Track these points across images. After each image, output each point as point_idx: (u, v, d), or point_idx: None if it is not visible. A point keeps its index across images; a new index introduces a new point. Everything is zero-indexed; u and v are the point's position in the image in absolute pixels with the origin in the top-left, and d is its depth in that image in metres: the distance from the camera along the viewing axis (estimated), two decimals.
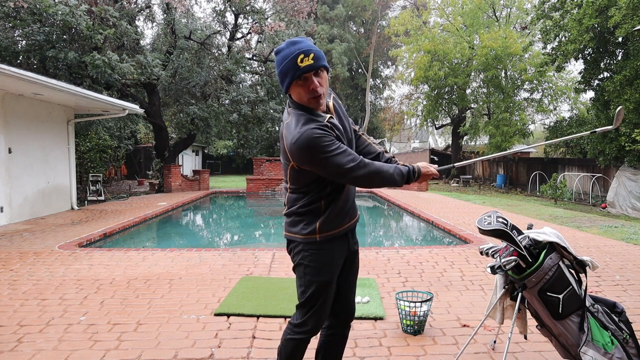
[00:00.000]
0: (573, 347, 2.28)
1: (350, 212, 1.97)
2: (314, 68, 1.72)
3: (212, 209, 13.25)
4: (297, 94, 1.78)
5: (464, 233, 7.07)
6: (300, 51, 1.71)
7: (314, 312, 1.90)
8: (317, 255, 1.87)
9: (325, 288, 1.89)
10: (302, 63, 1.70)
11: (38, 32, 10.87)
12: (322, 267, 1.87)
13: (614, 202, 13.15)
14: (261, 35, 16.53)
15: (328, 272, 1.89)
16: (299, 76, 1.72)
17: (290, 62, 1.71)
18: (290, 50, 1.72)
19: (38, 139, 9.09)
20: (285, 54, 1.74)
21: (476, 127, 20.34)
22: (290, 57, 1.72)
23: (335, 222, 1.89)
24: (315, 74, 1.74)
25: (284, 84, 1.78)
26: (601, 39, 13.24)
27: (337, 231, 1.90)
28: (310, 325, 1.91)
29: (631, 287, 4.28)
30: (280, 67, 1.75)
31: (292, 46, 1.73)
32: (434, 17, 23.76)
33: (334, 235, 1.89)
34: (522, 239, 2.36)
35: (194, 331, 3.19)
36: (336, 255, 1.91)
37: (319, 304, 1.89)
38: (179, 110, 17.38)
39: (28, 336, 3.10)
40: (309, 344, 2.01)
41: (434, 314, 3.51)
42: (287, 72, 1.73)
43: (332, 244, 1.89)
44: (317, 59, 1.73)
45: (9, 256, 5.44)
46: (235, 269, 4.86)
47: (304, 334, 1.92)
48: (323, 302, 1.89)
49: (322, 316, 1.92)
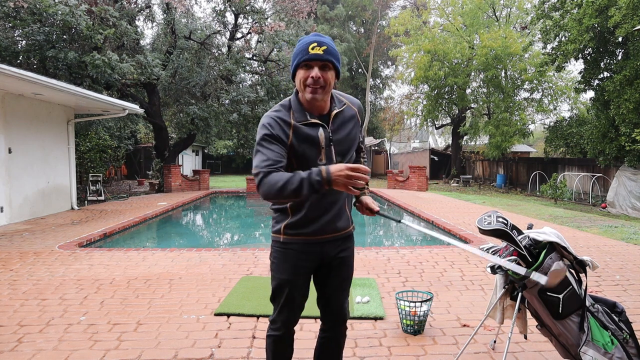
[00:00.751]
0: (573, 346, 2.28)
1: (328, 226, 1.90)
2: (321, 59, 1.72)
3: (212, 209, 13.24)
4: (298, 80, 1.79)
5: (464, 233, 7.07)
6: (314, 40, 1.74)
7: (280, 309, 1.93)
8: (280, 253, 1.91)
9: (285, 286, 1.90)
10: (312, 50, 1.72)
11: (38, 32, 10.87)
12: (284, 265, 1.90)
13: (614, 202, 13.15)
14: (261, 35, 16.52)
15: (289, 271, 1.90)
16: (305, 61, 1.73)
17: (302, 47, 1.75)
18: (308, 39, 1.76)
19: (38, 139, 9.09)
20: (302, 41, 1.78)
21: (476, 127, 20.34)
22: (304, 43, 1.75)
23: (303, 229, 1.88)
24: (321, 67, 1.74)
25: (292, 67, 1.81)
26: (601, 39, 13.24)
27: (302, 238, 1.89)
28: (279, 322, 1.95)
29: (631, 287, 4.28)
30: (294, 52, 1.79)
31: (312, 36, 1.77)
32: (434, 17, 23.76)
33: (299, 241, 1.90)
34: (522, 239, 2.36)
35: (194, 331, 3.19)
36: (301, 258, 1.90)
37: (282, 301, 1.91)
38: (179, 110, 17.38)
39: (28, 336, 3.10)
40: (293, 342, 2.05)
41: (434, 313, 3.51)
42: (297, 55, 1.76)
43: (298, 247, 1.90)
44: (328, 53, 1.74)
45: (9, 256, 5.44)
46: (235, 268, 4.86)
47: (276, 331, 1.96)
48: (287, 299, 1.91)
49: (289, 314, 1.94)
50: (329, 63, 1.75)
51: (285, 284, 1.91)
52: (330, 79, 1.77)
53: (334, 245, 1.95)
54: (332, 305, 2.00)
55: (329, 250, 1.94)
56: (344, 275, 2.01)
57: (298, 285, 1.92)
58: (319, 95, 1.76)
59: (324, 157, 1.83)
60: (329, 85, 1.77)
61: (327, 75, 1.75)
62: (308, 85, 1.75)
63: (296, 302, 1.94)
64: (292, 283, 1.91)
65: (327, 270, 1.99)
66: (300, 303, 1.97)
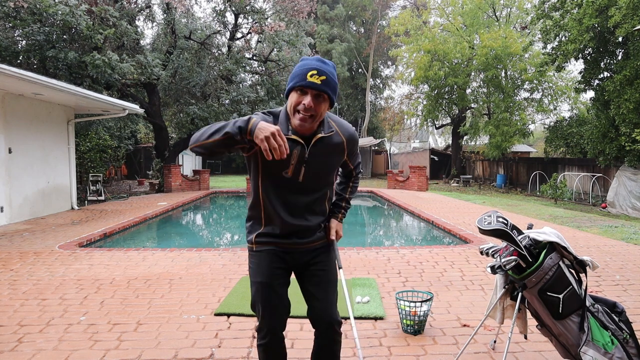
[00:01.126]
0: (573, 346, 2.28)
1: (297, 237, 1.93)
2: (316, 88, 1.72)
3: (212, 208, 13.25)
4: (290, 100, 1.79)
5: (464, 233, 7.07)
6: (315, 67, 1.72)
7: (262, 315, 1.93)
8: (255, 258, 1.96)
9: (261, 289, 1.91)
10: (310, 78, 1.71)
11: (38, 32, 10.87)
12: (259, 269, 1.93)
13: (614, 202, 13.15)
14: (261, 35, 16.52)
15: (264, 274, 1.92)
16: (301, 87, 1.73)
17: (302, 71, 1.74)
18: (310, 63, 1.75)
19: (38, 139, 9.09)
20: (303, 63, 1.77)
21: (476, 127, 20.33)
22: (305, 67, 1.74)
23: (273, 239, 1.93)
24: (315, 96, 1.73)
25: (287, 86, 1.81)
26: (601, 39, 13.24)
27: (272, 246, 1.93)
28: (265, 329, 1.93)
29: (631, 286, 4.28)
30: (293, 72, 1.79)
31: (316, 62, 1.75)
32: (434, 17, 23.74)
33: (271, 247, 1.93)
34: (522, 239, 2.36)
35: (194, 331, 3.19)
36: (275, 261, 1.93)
37: (261, 306, 1.91)
38: (179, 110, 17.39)
39: (28, 336, 3.10)
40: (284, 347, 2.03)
41: (434, 313, 3.51)
42: (294, 78, 1.76)
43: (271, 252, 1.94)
44: (326, 84, 1.73)
45: (9, 256, 5.44)
46: (236, 268, 4.86)
47: (263, 339, 1.95)
48: (265, 303, 1.91)
49: (270, 319, 1.92)
50: (324, 94, 1.74)
51: (262, 287, 1.91)
52: (322, 110, 1.77)
53: (306, 255, 1.97)
54: (316, 311, 1.96)
55: (300, 257, 1.97)
56: (323, 280, 1.98)
57: (275, 288, 1.92)
58: (307, 124, 1.76)
59: (291, 172, 1.83)
60: (319, 115, 1.77)
61: (319, 106, 1.75)
62: (298, 111, 1.75)
63: (275, 306, 1.93)
64: (268, 286, 1.91)
65: (304, 276, 1.99)
66: (281, 307, 1.94)
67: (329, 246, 2.03)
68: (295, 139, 1.80)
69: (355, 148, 2.02)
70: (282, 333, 1.99)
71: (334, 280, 2.02)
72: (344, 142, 1.92)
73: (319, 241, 2.00)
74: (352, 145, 1.98)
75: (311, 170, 1.86)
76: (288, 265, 1.97)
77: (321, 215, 2.00)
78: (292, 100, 1.76)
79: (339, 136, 1.91)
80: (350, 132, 1.96)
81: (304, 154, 1.82)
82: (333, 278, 2.02)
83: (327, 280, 1.99)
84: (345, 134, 1.93)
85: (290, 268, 1.99)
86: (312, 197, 1.93)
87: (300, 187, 1.88)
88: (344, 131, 1.94)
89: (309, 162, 1.84)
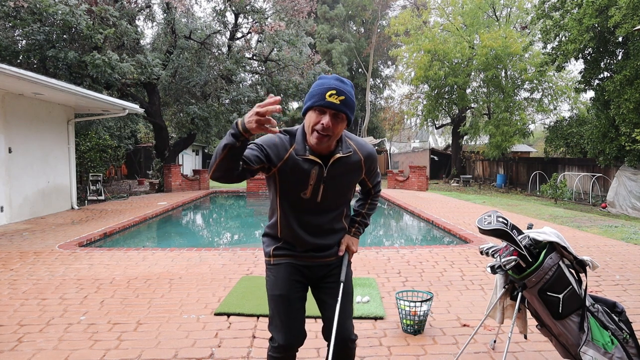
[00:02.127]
0: (573, 346, 2.28)
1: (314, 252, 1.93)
2: (335, 108, 1.71)
3: (212, 208, 13.25)
4: (308, 119, 1.78)
5: (464, 233, 7.07)
6: (334, 87, 1.72)
7: (275, 326, 1.92)
8: (272, 272, 1.95)
9: (280, 302, 1.91)
10: (329, 97, 1.71)
11: (38, 31, 10.87)
12: (276, 281, 1.93)
13: (614, 201, 13.15)
14: (261, 34, 16.52)
15: (281, 286, 1.92)
16: (319, 106, 1.73)
17: (321, 91, 1.73)
18: (328, 83, 1.74)
19: (38, 138, 9.09)
20: (322, 82, 1.76)
21: (476, 127, 20.34)
22: (324, 86, 1.74)
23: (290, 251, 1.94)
24: (334, 116, 1.73)
25: (305, 105, 1.80)
26: (601, 39, 13.24)
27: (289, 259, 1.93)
28: (277, 340, 1.92)
29: (631, 286, 4.29)
30: (311, 90, 1.78)
31: (334, 81, 1.75)
32: (434, 16, 23.74)
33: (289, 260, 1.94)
34: (522, 239, 2.36)
35: (194, 331, 3.19)
36: (293, 273, 1.93)
37: (277, 318, 1.91)
38: (179, 110, 17.38)
39: (28, 336, 3.10)
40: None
41: (434, 313, 3.51)
42: (312, 97, 1.75)
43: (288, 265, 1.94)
44: (344, 104, 1.72)
45: (9, 256, 5.44)
46: (235, 268, 4.86)
47: (274, 352, 1.93)
48: (282, 316, 1.90)
49: (285, 332, 1.90)
50: (342, 114, 1.74)
51: (281, 300, 1.90)
52: (340, 129, 1.77)
53: (324, 268, 1.98)
54: (327, 322, 1.96)
55: (317, 271, 1.97)
56: (336, 293, 1.96)
57: (293, 301, 1.91)
58: (324, 143, 1.76)
59: (309, 193, 1.84)
60: (336, 135, 1.78)
61: (337, 126, 1.75)
62: (316, 131, 1.75)
63: (294, 319, 1.91)
64: (287, 299, 1.91)
65: (321, 289, 1.99)
66: (299, 320, 1.93)
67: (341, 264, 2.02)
68: (313, 159, 1.81)
69: (373, 167, 2.00)
70: (297, 349, 1.96)
71: (350, 293, 2.02)
72: (361, 161, 1.92)
73: (336, 256, 2.00)
74: (370, 163, 1.96)
75: (329, 190, 1.86)
76: (305, 279, 1.97)
77: (339, 232, 2.00)
78: (311, 119, 1.76)
79: (357, 155, 1.91)
80: (368, 151, 1.95)
81: (322, 174, 1.82)
82: (349, 291, 2.01)
83: (344, 295, 1.97)
84: (364, 153, 1.93)
85: (307, 282, 1.99)
86: (329, 216, 1.94)
87: (318, 207, 1.89)
88: (363, 150, 1.93)
89: (327, 182, 1.84)
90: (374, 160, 1.98)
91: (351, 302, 2.01)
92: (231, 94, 16.02)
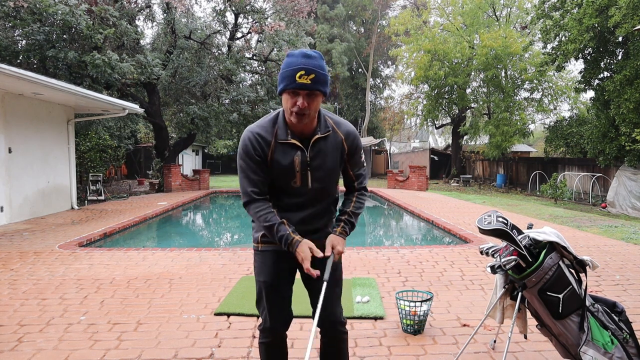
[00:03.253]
0: (573, 346, 2.28)
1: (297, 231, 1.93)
2: (308, 89, 1.73)
3: (212, 208, 13.25)
4: (284, 102, 1.81)
5: (464, 232, 7.07)
6: (303, 67, 1.72)
7: (263, 311, 1.98)
8: (259, 257, 2.00)
9: (265, 288, 1.96)
10: (299, 79, 1.71)
11: (38, 31, 10.87)
12: (263, 268, 1.98)
13: (614, 201, 13.15)
14: (261, 34, 16.51)
15: (268, 273, 1.96)
16: (292, 89, 1.74)
17: (290, 73, 1.74)
18: (297, 61, 1.74)
19: (38, 138, 9.09)
20: (290, 62, 1.76)
21: (476, 127, 20.34)
22: (292, 67, 1.73)
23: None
24: (308, 94, 1.74)
25: (279, 87, 1.82)
26: (601, 39, 13.24)
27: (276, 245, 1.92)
28: (267, 329, 1.97)
29: (631, 286, 4.29)
30: (281, 72, 1.79)
31: (301, 58, 1.74)
32: (434, 16, 23.74)
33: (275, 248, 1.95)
34: (522, 239, 2.36)
35: (194, 331, 3.19)
36: (279, 261, 1.96)
37: (263, 303, 1.96)
38: (179, 110, 17.38)
39: (28, 336, 3.10)
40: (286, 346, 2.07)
41: (434, 313, 3.51)
42: (283, 79, 1.77)
43: (275, 252, 1.96)
44: (315, 82, 1.73)
45: (9, 256, 5.44)
46: (235, 268, 4.86)
47: (266, 338, 1.99)
48: (268, 301, 1.95)
49: (273, 318, 1.95)
50: (316, 92, 1.75)
51: (266, 287, 1.95)
52: (317, 105, 1.79)
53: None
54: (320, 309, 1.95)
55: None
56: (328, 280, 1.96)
57: (278, 287, 1.96)
58: (305, 120, 1.79)
59: (299, 181, 1.86)
60: (315, 111, 1.80)
61: (313, 103, 1.77)
62: (294, 112, 1.77)
63: (279, 305, 1.96)
64: (272, 285, 1.95)
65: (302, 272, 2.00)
66: (284, 306, 1.98)
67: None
68: (294, 143, 1.83)
69: (354, 147, 1.95)
70: (284, 333, 2.00)
71: (339, 279, 2.03)
72: (342, 140, 1.92)
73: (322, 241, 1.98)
74: (351, 142, 1.93)
75: (317, 174, 1.88)
76: (293, 265, 1.98)
77: (326, 216, 2.01)
78: (286, 103, 1.79)
79: (336, 134, 1.92)
80: (348, 130, 1.94)
81: (305, 159, 1.84)
82: (338, 277, 2.02)
83: (332, 280, 1.97)
84: (343, 132, 1.93)
85: (295, 267, 2.01)
86: (321, 204, 1.96)
87: (310, 195, 1.90)
88: (342, 129, 1.93)
89: (313, 166, 1.86)
90: (355, 139, 1.95)
91: (339, 287, 2.03)
92: (231, 94, 16.02)
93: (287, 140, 1.83)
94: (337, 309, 1.99)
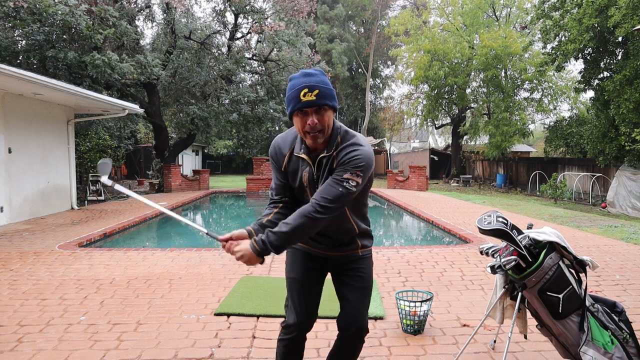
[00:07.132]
0: (573, 346, 2.28)
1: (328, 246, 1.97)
2: (314, 105, 1.73)
3: (212, 208, 13.24)
4: (296, 124, 1.82)
5: (463, 233, 7.07)
6: (305, 85, 1.72)
7: (289, 307, 2.02)
8: (291, 254, 2.07)
9: (294, 285, 2.01)
10: (304, 97, 1.72)
11: (38, 32, 10.86)
12: (294, 265, 2.04)
13: (614, 201, 13.15)
14: (261, 35, 16.53)
15: (298, 270, 2.02)
16: (299, 109, 1.75)
17: (295, 94, 1.75)
18: (299, 82, 1.75)
19: (38, 138, 9.09)
20: (293, 84, 1.77)
21: (476, 127, 20.33)
22: (296, 88, 1.74)
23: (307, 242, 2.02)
24: (316, 111, 1.74)
25: (287, 111, 1.83)
26: (601, 39, 13.24)
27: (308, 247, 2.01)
28: (287, 321, 2.01)
29: (631, 286, 4.29)
30: (287, 96, 1.81)
31: (302, 78, 1.75)
32: (433, 16, 23.75)
33: (307, 249, 2.02)
34: (522, 239, 2.36)
35: (194, 331, 3.19)
36: (310, 259, 2.02)
37: (290, 299, 2.01)
38: (178, 110, 17.38)
39: (28, 336, 3.10)
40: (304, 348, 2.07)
41: (434, 313, 3.51)
42: (290, 102, 1.78)
43: (307, 252, 2.03)
44: (321, 97, 1.73)
45: (9, 256, 5.44)
46: (235, 268, 4.86)
47: (286, 334, 2.01)
48: (295, 298, 1.99)
49: (296, 313, 1.98)
50: (324, 106, 1.75)
51: (295, 283, 2.00)
52: (328, 119, 1.78)
53: (339, 262, 2.02)
54: (347, 315, 1.98)
55: (333, 262, 2.03)
56: (357, 286, 1.99)
57: (307, 286, 2.00)
58: (320, 139, 1.79)
59: (309, 195, 1.88)
60: (328, 126, 1.79)
61: (323, 118, 1.76)
62: (307, 132, 1.77)
63: (306, 302, 1.98)
64: (300, 282, 1.99)
65: (340, 280, 2.03)
66: (310, 304, 2.00)
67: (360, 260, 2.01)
68: (304, 158, 1.87)
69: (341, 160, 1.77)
70: (306, 332, 2.02)
71: (369, 287, 2.04)
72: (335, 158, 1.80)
73: (350, 252, 2.00)
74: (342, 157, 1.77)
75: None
76: (322, 267, 2.04)
77: (348, 232, 1.96)
78: (298, 124, 1.79)
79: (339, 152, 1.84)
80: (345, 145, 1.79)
81: (312, 175, 1.87)
82: (368, 285, 2.03)
83: (362, 287, 2.00)
84: (340, 152, 1.79)
85: (325, 270, 2.06)
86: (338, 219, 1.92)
87: None
88: (341, 150, 1.79)
89: (320, 182, 1.85)
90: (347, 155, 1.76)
91: (369, 295, 2.05)
92: (231, 94, 16.02)
93: (299, 154, 1.87)
94: (365, 316, 2.00)
